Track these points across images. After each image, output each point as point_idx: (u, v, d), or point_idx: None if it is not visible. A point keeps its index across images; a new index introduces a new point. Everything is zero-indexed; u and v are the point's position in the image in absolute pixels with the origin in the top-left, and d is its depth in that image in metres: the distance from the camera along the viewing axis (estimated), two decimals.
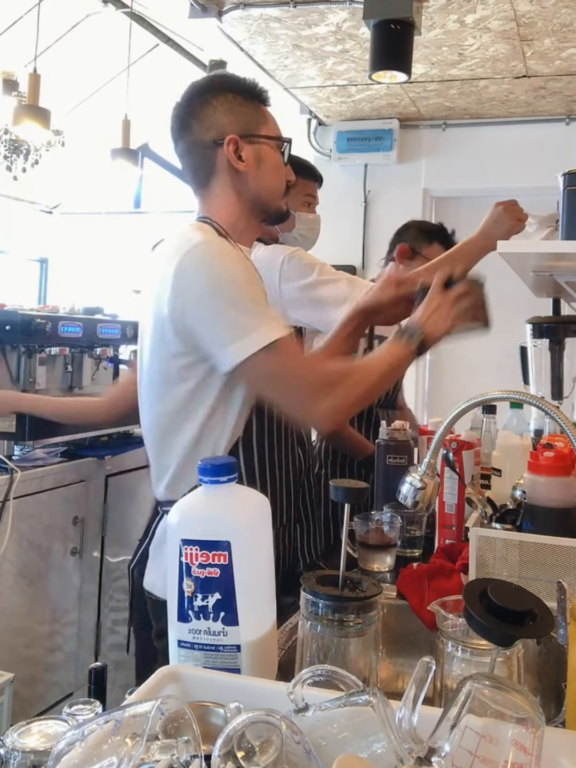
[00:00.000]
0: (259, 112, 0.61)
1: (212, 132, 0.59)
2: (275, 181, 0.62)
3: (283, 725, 0.27)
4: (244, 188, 0.60)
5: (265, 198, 0.61)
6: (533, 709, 0.27)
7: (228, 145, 0.58)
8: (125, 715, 0.27)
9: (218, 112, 0.59)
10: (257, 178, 0.60)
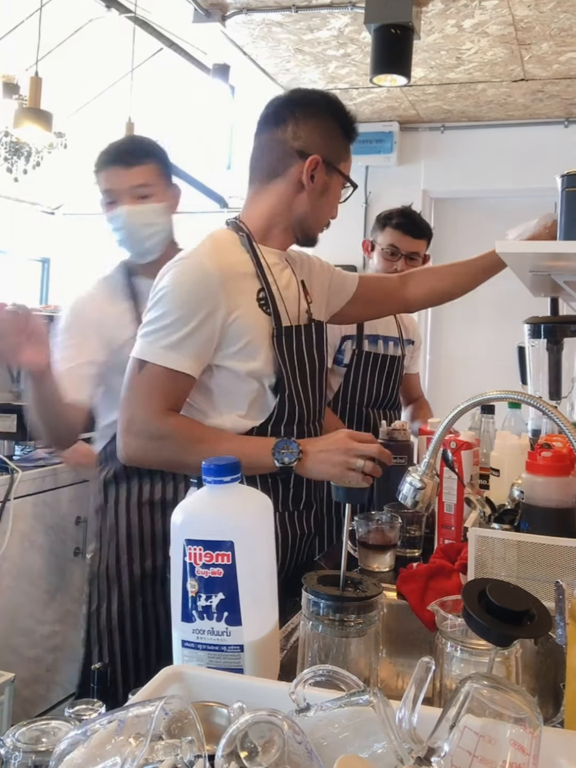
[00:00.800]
0: (347, 149, 0.64)
1: (301, 142, 0.61)
2: (326, 214, 0.64)
3: (285, 725, 0.27)
4: (299, 206, 0.62)
5: (310, 223, 0.63)
6: (531, 709, 0.27)
7: (310, 163, 0.61)
8: (129, 715, 0.28)
9: (317, 129, 0.61)
10: (315, 203, 0.62)
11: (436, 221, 2.28)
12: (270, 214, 0.62)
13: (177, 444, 0.57)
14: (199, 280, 0.57)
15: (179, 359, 0.56)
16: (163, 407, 0.56)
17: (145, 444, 0.56)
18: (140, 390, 0.56)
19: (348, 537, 0.49)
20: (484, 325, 2.03)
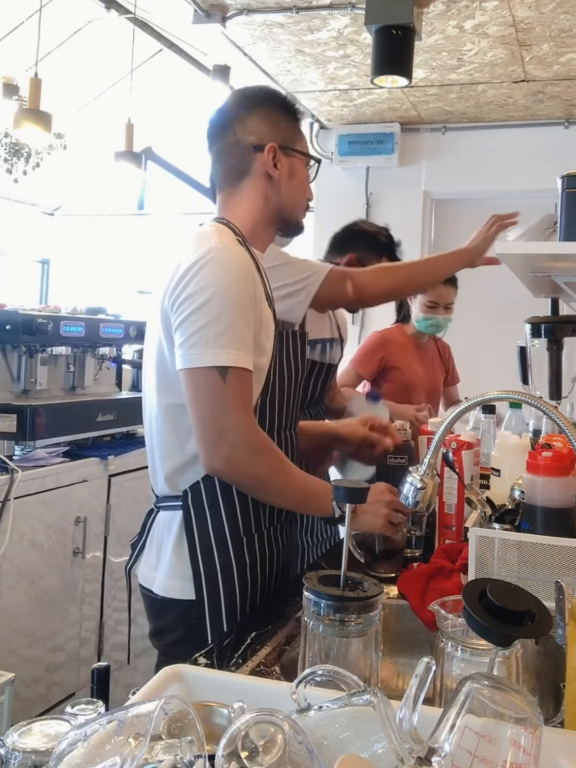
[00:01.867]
0: (296, 129, 0.64)
1: (253, 137, 0.61)
2: (301, 195, 0.63)
3: (286, 725, 0.27)
4: (273, 196, 0.61)
5: (289, 209, 0.63)
6: (532, 709, 0.27)
7: (268, 152, 0.60)
8: (128, 715, 0.28)
9: (262, 120, 0.61)
10: (287, 188, 0.62)
11: (436, 222, 2.28)
12: (251, 215, 0.61)
13: (272, 461, 0.55)
14: (242, 272, 0.55)
15: (249, 358, 0.54)
16: (253, 416, 0.55)
17: (244, 457, 0.53)
18: (231, 400, 0.52)
19: (350, 539, 0.49)
20: (485, 325, 2.03)
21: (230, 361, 0.53)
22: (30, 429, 1.05)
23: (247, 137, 0.61)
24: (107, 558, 1.19)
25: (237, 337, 0.53)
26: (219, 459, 0.53)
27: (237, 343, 0.53)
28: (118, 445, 1.23)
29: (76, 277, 2.64)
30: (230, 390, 0.53)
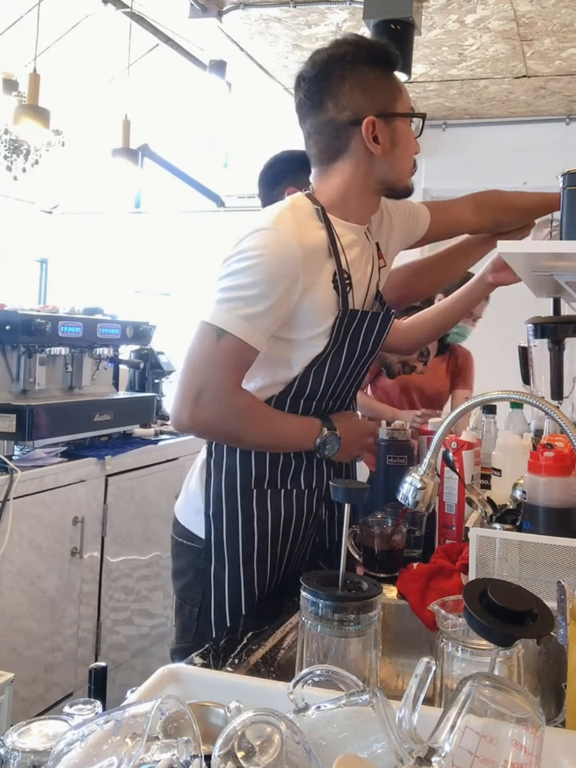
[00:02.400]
0: (393, 86, 0.58)
1: (348, 112, 0.56)
2: (406, 160, 0.60)
3: (284, 725, 0.27)
4: (376, 169, 0.58)
5: (395, 178, 0.60)
6: (533, 709, 0.27)
7: (366, 128, 0.56)
8: (125, 715, 0.27)
9: (355, 90, 0.56)
10: (390, 159, 0.58)
11: None
12: (345, 188, 0.58)
13: (243, 421, 0.56)
14: (284, 256, 0.54)
15: (256, 334, 0.54)
16: (238, 382, 0.55)
17: (213, 415, 0.54)
18: (218, 361, 0.54)
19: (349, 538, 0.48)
20: (486, 325, 2.02)
21: (230, 326, 0.53)
22: (29, 429, 1.05)
23: (342, 113, 0.56)
24: (104, 558, 1.18)
25: (251, 309, 0.54)
26: (184, 415, 0.54)
27: (246, 315, 0.54)
28: (115, 445, 1.23)
29: (73, 276, 2.63)
30: (220, 352, 0.54)
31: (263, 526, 0.60)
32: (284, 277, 0.54)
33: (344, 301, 0.58)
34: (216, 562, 0.60)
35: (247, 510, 0.60)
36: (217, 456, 0.61)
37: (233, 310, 0.54)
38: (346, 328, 0.59)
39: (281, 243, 0.55)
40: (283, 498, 0.61)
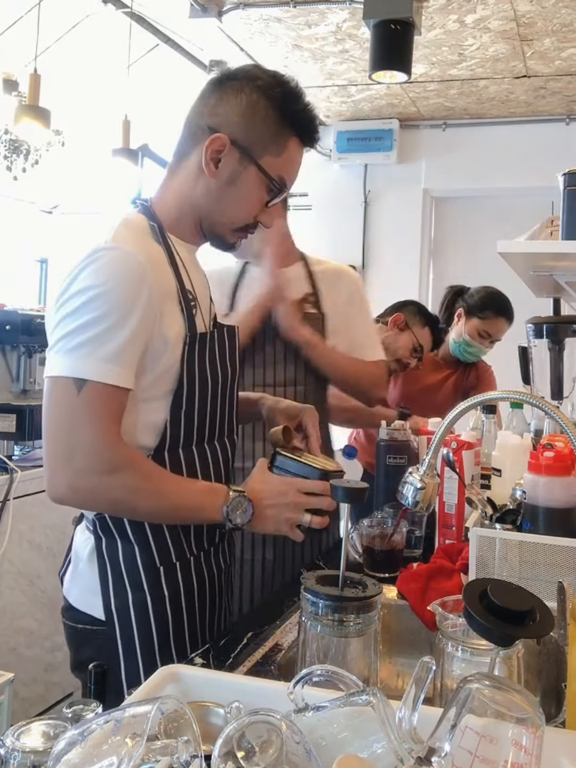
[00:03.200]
0: (279, 142, 0.51)
1: (215, 119, 0.50)
2: (237, 211, 0.52)
3: (283, 725, 0.27)
4: (200, 192, 0.51)
5: (215, 218, 0.52)
6: (533, 709, 0.27)
7: (212, 141, 0.49)
8: (125, 715, 0.27)
9: (239, 107, 0.50)
10: (218, 194, 0.51)
11: (436, 220, 2.27)
12: (178, 201, 0.51)
13: (131, 481, 0.46)
14: (132, 275, 0.46)
15: (122, 372, 0.46)
16: (116, 434, 0.46)
17: (94, 480, 0.45)
18: (84, 415, 0.45)
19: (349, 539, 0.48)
20: None
21: (89, 373, 0.45)
22: (29, 429, 1.06)
23: (211, 117, 0.50)
24: None
25: (106, 346, 0.45)
26: (59, 484, 0.46)
27: (105, 354, 0.45)
28: None
29: None
30: (84, 405, 0.45)
31: (176, 605, 0.51)
32: (138, 298, 0.46)
33: (191, 324, 0.50)
34: (126, 659, 0.50)
35: (155, 592, 0.50)
36: (108, 539, 0.51)
37: (90, 356, 0.45)
38: (200, 355, 0.51)
39: (127, 261, 0.46)
40: (193, 567, 0.53)
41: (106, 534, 0.51)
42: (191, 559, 0.53)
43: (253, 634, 0.51)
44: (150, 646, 0.51)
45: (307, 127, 0.52)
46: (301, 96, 0.52)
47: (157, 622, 0.51)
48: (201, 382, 0.52)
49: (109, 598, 0.51)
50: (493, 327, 1.20)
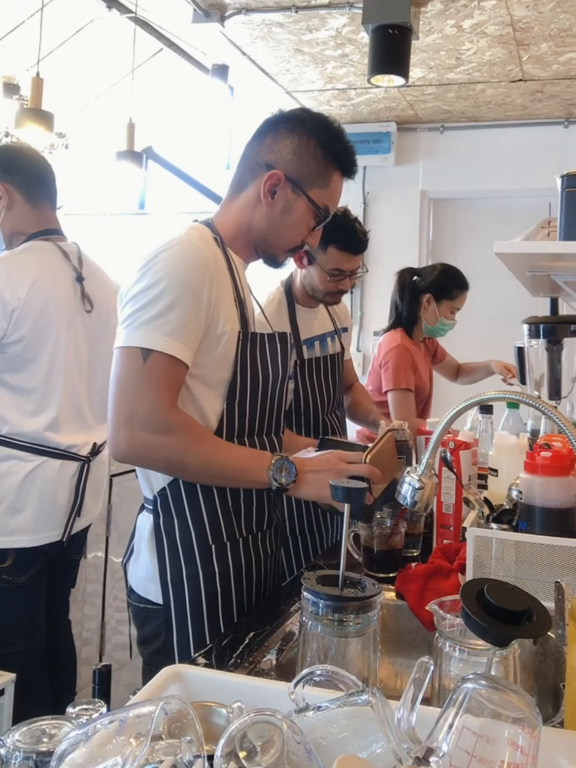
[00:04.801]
0: (325, 176, 0.59)
1: (272, 156, 0.59)
2: (289, 236, 0.60)
3: (285, 725, 0.27)
4: (258, 220, 0.60)
5: (270, 242, 0.60)
6: (530, 709, 0.27)
7: (269, 177, 0.58)
8: (129, 715, 0.28)
9: (292, 145, 0.58)
10: (273, 221, 0.59)
11: (434, 222, 2.28)
12: (236, 224, 0.60)
13: (183, 442, 0.52)
14: (199, 264, 0.54)
15: (183, 349, 0.52)
16: (172, 400, 0.53)
17: (150, 438, 0.51)
18: (147, 381, 0.51)
19: (348, 538, 0.48)
20: (483, 326, 2.03)
21: (155, 344, 0.51)
22: None
23: (268, 154, 0.59)
24: (108, 558, 1.18)
25: (172, 323, 0.52)
26: (120, 441, 0.51)
27: (170, 330, 0.52)
28: None
29: None
30: (148, 372, 0.51)
31: (226, 583, 0.56)
32: (202, 286, 0.53)
33: (244, 323, 0.57)
34: (179, 631, 0.55)
35: (207, 568, 0.55)
36: (166, 516, 0.56)
37: (157, 330, 0.52)
38: (252, 351, 0.57)
39: (192, 250, 0.54)
40: (242, 548, 0.58)
41: (165, 512, 0.56)
42: (240, 540, 0.58)
43: (254, 634, 0.51)
44: (200, 620, 0.55)
45: (348, 161, 0.61)
46: (343, 135, 0.61)
47: (207, 597, 0.55)
48: (253, 376, 0.58)
49: (166, 572, 0.56)
50: (461, 301, 1.25)
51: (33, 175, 0.90)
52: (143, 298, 0.52)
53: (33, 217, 0.90)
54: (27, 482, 0.84)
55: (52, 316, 0.86)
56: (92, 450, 0.92)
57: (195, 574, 0.56)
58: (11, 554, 0.83)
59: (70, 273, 0.91)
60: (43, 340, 0.85)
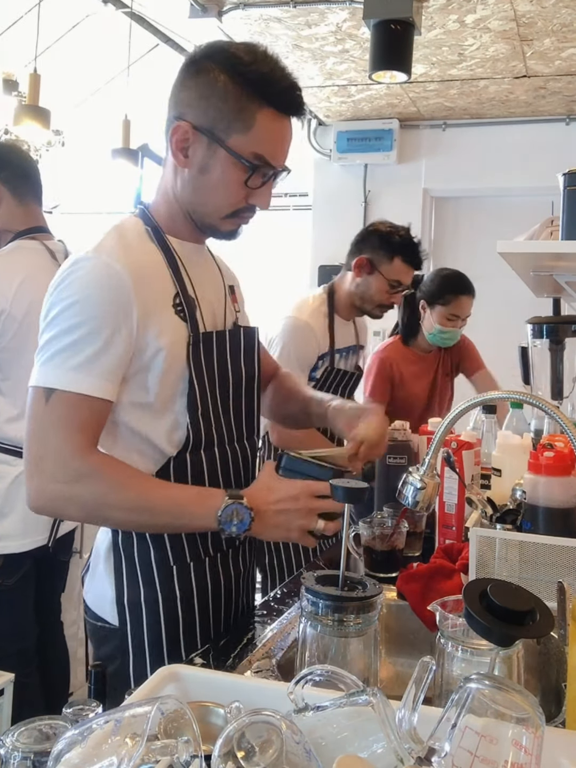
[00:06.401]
0: (245, 116, 0.46)
1: (179, 107, 0.47)
2: (217, 198, 0.48)
3: (283, 725, 0.27)
4: (180, 187, 0.49)
5: (199, 210, 0.49)
6: (533, 709, 0.27)
7: (174, 131, 0.46)
8: (125, 715, 0.27)
9: (196, 90, 0.46)
10: (195, 183, 0.48)
11: (436, 220, 2.27)
12: (166, 200, 0.50)
13: (101, 487, 0.46)
14: (108, 285, 0.46)
15: (94, 382, 0.46)
16: (83, 443, 0.46)
17: (60, 489, 0.45)
18: (51, 424, 0.45)
19: (349, 538, 0.48)
20: (486, 326, 2.03)
21: (56, 382, 0.45)
22: None
23: (176, 106, 0.47)
24: None
25: (78, 357, 0.45)
26: (32, 492, 0.46)
27: (76, 363, 0.45)
28: None
29: None
30: (52, 414, 0.45)
31: (188, 606, 0.51)
32: (114, 308, 0.46)
33: (193, 325, 0.50)
34: (135, 658, 0.50)
35: (167, 591, 0.50)
36: (124, 533, 0.51)
37: (60, 365, 0.46)
38: (206, 353, 0.50)
39: (103, 271, 0.46)
40: (208, 568, 0.52)
41: (124, 530, 0.51)
42: (206, 560, 0.52)
43: (253, 634, 0.51)
44: (159, 646, 0.50)
45: (278, 92, 0.46)
46: (265, 61, 0.46)
47: (167, 622, 0.50)
48: (210, 381, 0.51)
49: (123, 592, 0.51)
50: (458, 307, 1.19)
51: (19, 171, 0.89)
52: (49, 331, 0.47)
53: (20, 214, 0.89)
54: (14, 487, 0.84)
55: (36, 319, 0.86)
56: None
57: (154, 598, 0.50)
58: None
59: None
60: (29, 341, 0.82)
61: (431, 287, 1.20)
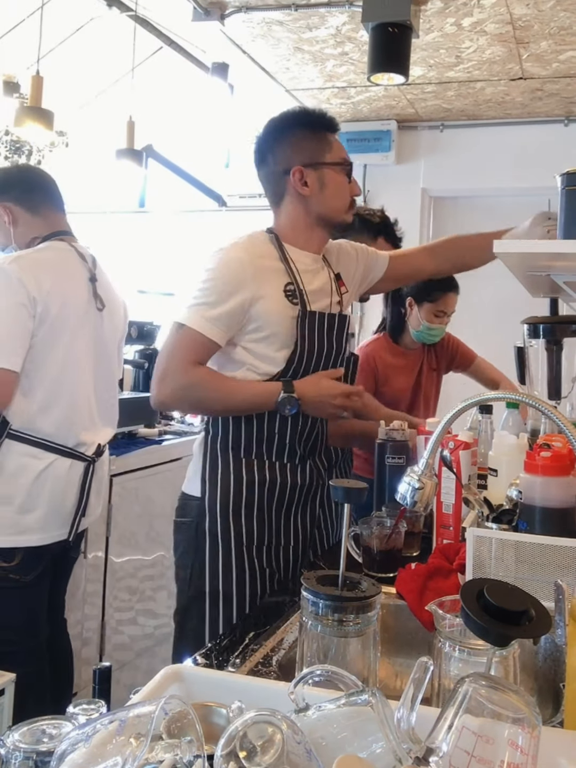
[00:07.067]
0: (324, 141, 0.75)
1: (282, 165, 0.75)
2: (338, 200, 0.76)
3: (285, 725, 0.27)
4: (312, 207, 0.75)
5: (329, 215, 0.76)
6: (529, 709, 0.27)
7: (293, 174, 0.74)
8: (130, 715, 0.28)
9: (288, 146, 0.74)
10: (321, 199, 0.75)
11: (435, 220, 2.28)
12: (291, 223, 0.76)
13: (200, 389, 0.71)
14: (235, 269, 0.71)
15: (210, 328, 0.70)
16: (193, 361, 0.71)
17: (175, 391, 0.70)
18: (176, 346, 0.70)
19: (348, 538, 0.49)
20: (483, 326, 2.03)
21: (188, 321, 0.70)
22: None
23: (278, 166, 0.75)
24: (109, 558, 1.18)
25: (208, 307, 0.70)
26: (158, 395, 0.71)
27: (205, 312, 0.70)
28: (120, 445, 1.22)
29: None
30: (178, 341, 0.70)
31: (251, 488, 0.73)
32: (237, 285, 0.70)
33: (303, 306, 0.73)
34: (209, 516, 0.72)
35: (237, 474, 0.73)
36: (213, 430, 0.75)
37: (195, 312, 0.70)
38: (310, 327, 0.73)
39: (232, 259, 0.72)
40: (267, 468, 0.74)
41: (213, 426, 0.75)
42: (265, 462, 0.74)
43: (254, 634, 0.51)
44: (226, 512, 0.72)
45: (328, 122, 0.76)
46: (308, 110, 0.77)
47: (234, 496, 0.73)
48: (309, 350, 0.73)
49: (205, 470, 0.74)
50: (444, 304, 1.21)
51: (28, 186, 0.92)
52: (199, 288, 0.72)
53: (40, 223, 0.93)
54: (39, 481, 0.85)
55: (68, 315, 0.87)
56: (96, 450, 0.92)
57: (226, 476, 0.73)
58: (19, 553, 0.84)
59: (85, 273, 0.92)
60: (59, 337, 0.86)
61: (419, 285, 1.20)
